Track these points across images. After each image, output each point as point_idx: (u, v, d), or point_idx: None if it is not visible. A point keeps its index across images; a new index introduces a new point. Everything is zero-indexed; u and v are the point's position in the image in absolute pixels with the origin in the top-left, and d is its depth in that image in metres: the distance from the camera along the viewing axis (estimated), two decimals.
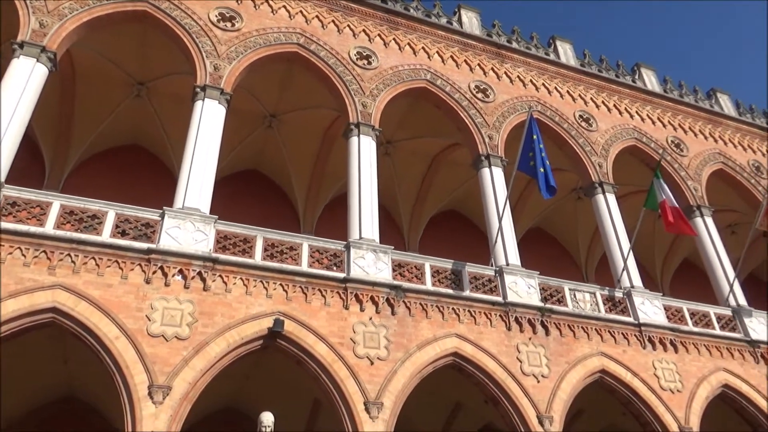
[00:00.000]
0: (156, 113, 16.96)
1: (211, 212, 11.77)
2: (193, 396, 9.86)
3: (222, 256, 11.16)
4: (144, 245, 10.72)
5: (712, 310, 15.96)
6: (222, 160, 14.65)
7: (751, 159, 21.17)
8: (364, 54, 15.90)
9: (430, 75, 16.53)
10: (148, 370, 9.58)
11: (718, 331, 15.48)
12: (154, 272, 10.52)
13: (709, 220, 18.09)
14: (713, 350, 15.03)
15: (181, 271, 10.70)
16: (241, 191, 18.65)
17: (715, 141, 20.97)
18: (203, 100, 13.09)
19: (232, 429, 15.04)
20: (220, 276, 10.98)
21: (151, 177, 17.42)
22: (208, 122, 12.81)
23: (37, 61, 11.90)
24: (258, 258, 11.52)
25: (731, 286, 16.61)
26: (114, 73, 15.79)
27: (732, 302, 16.39)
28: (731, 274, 16.91)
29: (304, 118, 17.69)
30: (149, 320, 10.04)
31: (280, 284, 11.36)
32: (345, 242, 12.56)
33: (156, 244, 10.80)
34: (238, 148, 18.11)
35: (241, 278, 11.14)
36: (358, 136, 14.35)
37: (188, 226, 11.17)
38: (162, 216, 11.21)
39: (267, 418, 9.38)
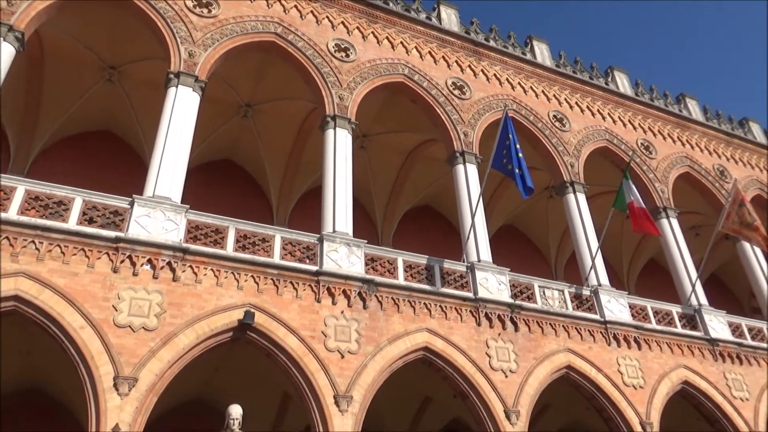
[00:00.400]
0: (128, 99, 16.59)
1: (182, 202, 11.60)
2: (160, 388, 9.74)
3: (193, 247, 11.01)
4: (112, 233, 10.51)
5: (675, 309, 16.39)
6: (195, 148, 14.44)
7: (716, 163, 21.75)
8: (342, 46, 15.81)
9: (407, 70, 16.54)
10: (113, 361, 9.41)
11: (679, 330, 15.91)
12: (122, 261, 10.32)
13: (675, 222, 18.55)
14: (675, 348, 15.46)
15: (150, 261, 10.52)
16: (214, 181, 18.42)
17: (683, 145, 21.47)
18: (177, 86, 12.86)
19: (200, 422, 14.89)
20: (190, 266, 10.84)
21: (121, 164, 17.06)
22: (182, 110, 12.60)
23: (4, 40, 11.52)
24: (230, 249, 11.41)
25: (693, 286, 17.08)
26: (85, 56, 15.39)
27: (694, 302, 16.86)
28: (694, 274, 17.38)
29: (280, 108, 17.53)
30: (116, 310, 9.85)
31: (252, 276, 11.27)
32: (318, 235, 12.52)
33: (124, 233, 10.59)
34: (211, 137, 17.86)
35: (212, 269, 11.01)
36: (335, 128, 14.29)
37: (158, 215, 10.98)
38: (131, 204, 11.00)
39: (235, 410, 9.31)
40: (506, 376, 12.63)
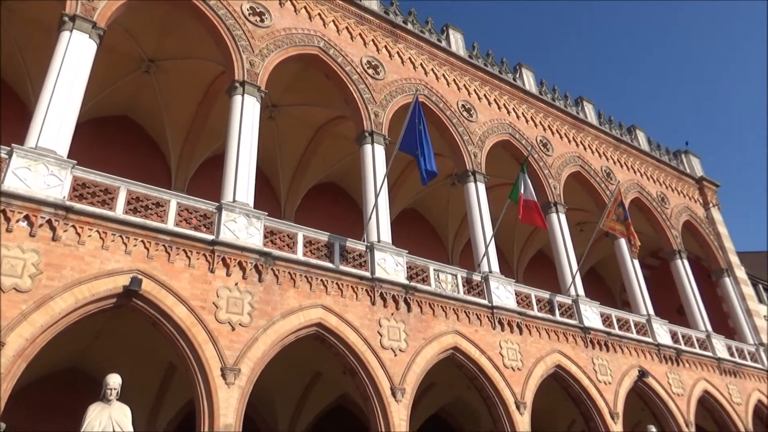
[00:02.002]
0: (15, 40, 15.07)
1: (69, 156, 10.76)
2: (31, 353, 9.11)
3: (77, 205, 10.28)
4: None
5: (555, 298, 17.56)
6: (88, 100, 13.51)
7: (604, 165, 23.37)
8: (258, 10, 15.27)
9: (323, 43, 16.28)
10: None
11: (558, 317, 17.08)
12: None
13: (563, 217, 19.79)
14: (552, 334, 16.59)
15: (27, 218, 9.71)
16: (109, 138, 17.29)
17: (577, 145, 22.86)
18: (71, 31, 11.83)
19: (76, 391, 14.11)
20: (73, 226, 10.12)
21: (2, 109, 15.55)
22: (75, 57, 11.62)
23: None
24: (119, 211, 10.77)
25: (573, 277, 18.37)
26: None
27: (572, 292, 18.14)
28: (575, 267, 18.69)
29: (187, 68, 16.69)
30: None
31: (142, 241, 10.73)
32: (217, 204, 12.13)
33: None
34: (108, 90, 16.69)
35: (97, 231, 10.35)
36: (243, 95, 13.83)
37: (40, 169, 10.14)
38: (9, 154, 10.05)
39: (113, 380, 8.87)
40: (395, 355, 12.99)
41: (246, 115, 13.59)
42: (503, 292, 15.98)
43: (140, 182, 11.48)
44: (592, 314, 17.97)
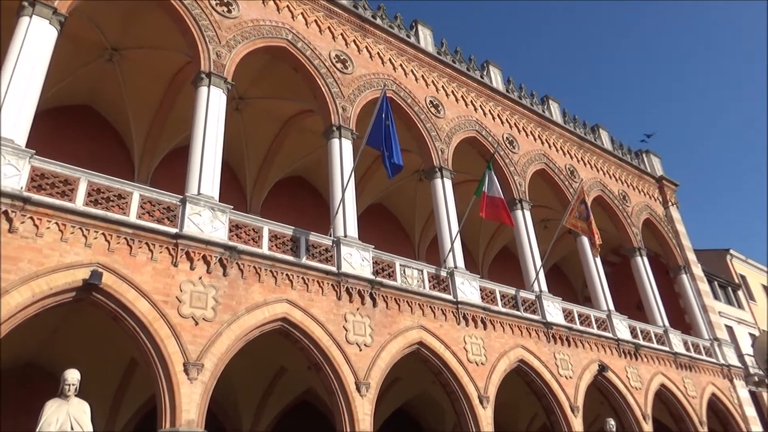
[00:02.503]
0: None
1: (28, 146, 10.44)
2: None
3: (35, 197, 9.98)
4: None
5: (519, 294, 17.85)
6: (48, 89, 13.15)
7: (568, 163, 23.81)
8: (225, 1, 15.04)
9: (291, 36, 16.15)
10: None
11: (521, 313, 17.36)
12: None
13: (528, 214, 20.11)
14: (515, 329, 16.87)
15: None
16: (69, 127, 16.83)
17: (542, 143, 23.23)
18: (31, 16, 11.45)
19: (32, 386, 13.75)
20: (31, 218, 9.84)
21: None
22: (35, 43, 11.27)
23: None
24: (79, 203, 10.50)
25: (537, 273, 18.70)
26: None
27: (536, 288, 18.46)
28: (539, 263, 19.02)
29: (151, 58, 16.33)
30: None
31: (103, 234, 10.49)
32: (181, 196, 11.94)
33: None
34: (69, 78, 16.21)
35: (56, 223, 10.08)
36: (209, 86, 13.62)
37: None
38: None
39: (71, 375, 8.67)
40: (360, 350, 13.03)
41: (212, 107, 13.40)
42: (468, 288, 16.16)
43: (102, 173, 11.21)
44: (554, 310, 18.33)
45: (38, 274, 9.55)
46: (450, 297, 15.63)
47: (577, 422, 16.86)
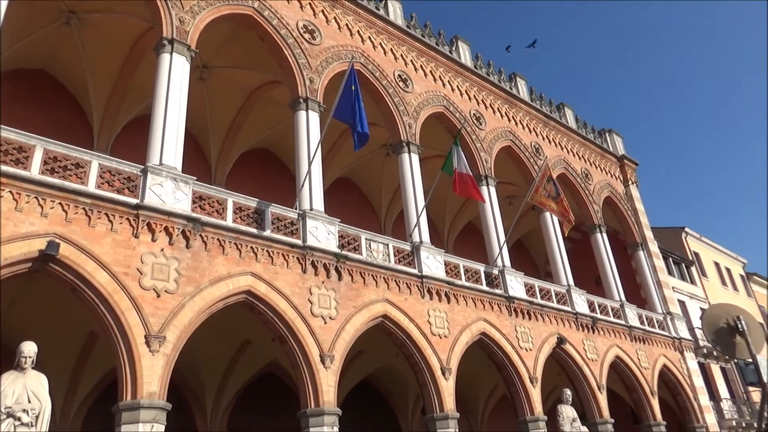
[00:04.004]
0: None
1: None
2: None
3: None
4: None
5: (483, 269, 18.13)
6: (2, 52, 12.53)
7: (533, 141, 24.09)
8: None
9: (258, 3, 15.74)
10: None
11: (484, 287, 17.67)
12: None
13: (493, 190, 20.34)
14: (478, 303, 17.18)
15: None
16: (25, 93, 16.13)
17: (509, 120, 23.40)
18: None
19: None
20: None
21: None
22: None
23: None
24: (35, 171, 10.14)
25: (501, 249, 19.01)
26: None
27: (499, 263, 18.78)
28: (502, 238, 19.33)
29: (111, 23, 15.68)
30: None
31: (60, 203, 10.18)
32: (142, 166, 11.66)
33: None
34: (25, 41, 15.48)
35: (10, 191, 9.72)
36: (171, 53, 13.23)
37: None
38: None
39: (28, 348, 8.49)
40: (325, 323, 13.08)
41: (174, 75, 13.04)
42: (433, 262, 16.34)
43: (59, 141, 10.84)
44: (516, 284, 18.71)
45: None
46: (415, 271, 15.78)
47: (535, 393, 17.39)
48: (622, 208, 27.71)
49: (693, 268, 34.74)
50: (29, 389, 8.24)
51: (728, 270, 39.22)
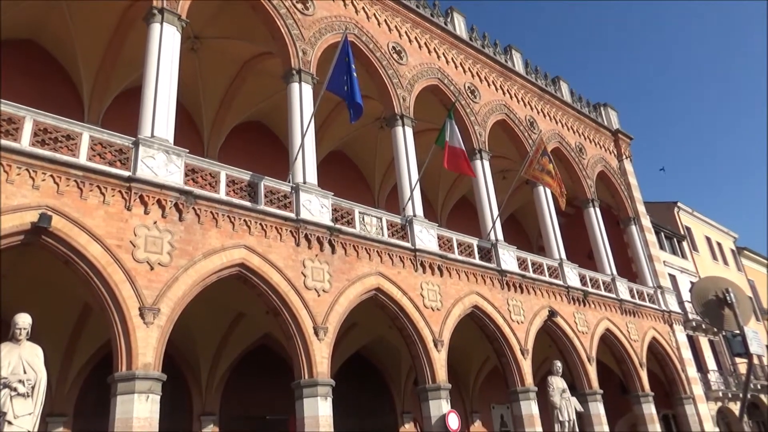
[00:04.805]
0: None
1: None
2: None
3: None
4: None
5: (475, 242, 18.23)
6: None
7: (528, 114, 24.00)
8: None
9: None
10: None
11: (477, 261, 17.79)
12: None
13: (487, 164, 20.31)
14: (471, 276, 17.31)
15: None
16: (12, 64, 15.84)
17: (504, 93, 23.25)
18: None
19: None
20: None
21: None
22: None
23: None
24: (25, 143, 10.04)
25: (494, 223, 19.08)
26: None
27: (492, 237, 18.88)
28: (495, 212, 19.39)
29: None
30: None
31: (51, 176, 10.11)
32: (134, 138, 11.56)
33: None
34: (13, 11, 15.15)
35: (1, 164, 9.65)
36: (161, 23, 13.00)
37: None
38: None
39: (22, 319, 8.52)
40: (319, 295, 13.17)
41: (165, 45, 12.85)
42: (426, 236, 16.40)
43: (50, 113, 10.71)
44: (509, 258, 18.83)
45: None
46: (408, 244, 15.84)
47: (526, 364, 17.66)
48: (615, 182, 27.79)
49: (684, 243, 35.02)
50: (24, 360, 8.29)
51: (719, 244, 39.56)
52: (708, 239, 38.58)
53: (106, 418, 9.72)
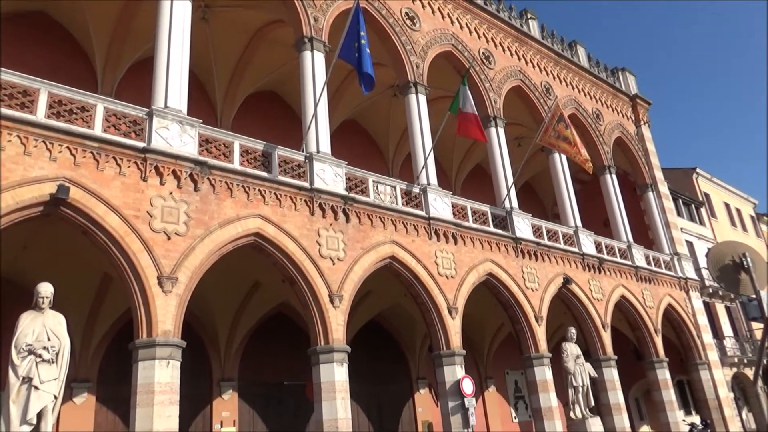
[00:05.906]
0: None
1: None
2: None
3: None
4: None
5: (490, 210, 18.18)
6: None
7: (544, 80, 23.59)
8: None
9: None
10: None
11: (491, 228, 17.78)
12: None
13: (501, 131, 20.10)
14: (485, 244, 17.32)
15: None
16: (26, 36, 15.88)
17: (519, 59, 22.85)
18: None
19: (6, 300, 13.79)
20: None
21: None
22: None
23: None
24: (41, 115, 10.14)
25: (509, 190, 18.98)
26: None
27: (507, 205, 18.80)
28: (510, 180, 19.26)
29: None
30: None
31: (68, 147, 10.22)
32: (148, 109, 11.60)
33: None
34: None
35: (18, 136, 9.76)
36: None
37: None
38: None
39: (45, 288, 8.75)
40: (333, 264, 13.29)
41: (176, 15, 12.77)
42: (440, 204, 16.38)
43: (64, 85, 10.76)
44: (524, 225, 18.78)
45: (3, 188, 9.35)
46: (422, 213, 15.85)
47: (540, 331, 17.76)
48: (632, 148, 27.40)
49: (702, 209, 34.62)
50: (48, 328, 8.54)
51: (738, 211, 39.06)
52: (727, 205, 38.08)
53: (129, 384, 10.02)
